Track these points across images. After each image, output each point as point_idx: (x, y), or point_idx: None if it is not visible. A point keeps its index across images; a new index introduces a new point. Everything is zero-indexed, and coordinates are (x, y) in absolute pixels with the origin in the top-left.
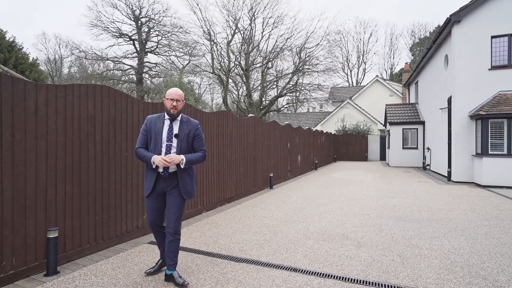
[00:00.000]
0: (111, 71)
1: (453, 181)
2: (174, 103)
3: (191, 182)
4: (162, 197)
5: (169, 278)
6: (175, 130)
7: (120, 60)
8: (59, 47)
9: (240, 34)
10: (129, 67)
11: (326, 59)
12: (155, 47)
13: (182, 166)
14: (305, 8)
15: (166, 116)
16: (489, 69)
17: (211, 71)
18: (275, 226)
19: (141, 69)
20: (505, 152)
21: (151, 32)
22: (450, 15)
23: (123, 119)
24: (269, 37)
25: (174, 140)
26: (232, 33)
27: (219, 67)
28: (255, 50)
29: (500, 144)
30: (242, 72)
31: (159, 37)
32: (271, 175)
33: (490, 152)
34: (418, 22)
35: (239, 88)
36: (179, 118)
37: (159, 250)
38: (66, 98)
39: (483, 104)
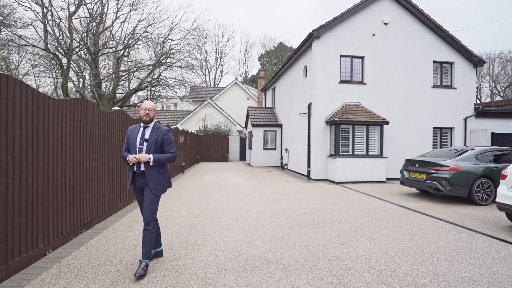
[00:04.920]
0: None
1: (312, 179)
2: (147, 111)
3: (159, 179)
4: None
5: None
6: (146, 135)
7: None
8: None
9: (87, 8)
10: None
11: (190, 54)
12: None
13: (151, 164)
14: None
15: (142, 124)
16: (339, 82)
17: (44, 47)
18: (172, 259)
19: None
20: (350, 153)
21: None
22: (312, 30)
23: None
24: (125, 20)
25: (145, 144)
26: (76, 3)
27: (56, 44)
28: (107, 32)
29: (347, 146)
30: (89, 56)
31: None
32: None
33: (341, 153)
34: (268, 35)
35: (84, 74)
36: (151, 125)
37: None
38: None
39: (336, 112)
